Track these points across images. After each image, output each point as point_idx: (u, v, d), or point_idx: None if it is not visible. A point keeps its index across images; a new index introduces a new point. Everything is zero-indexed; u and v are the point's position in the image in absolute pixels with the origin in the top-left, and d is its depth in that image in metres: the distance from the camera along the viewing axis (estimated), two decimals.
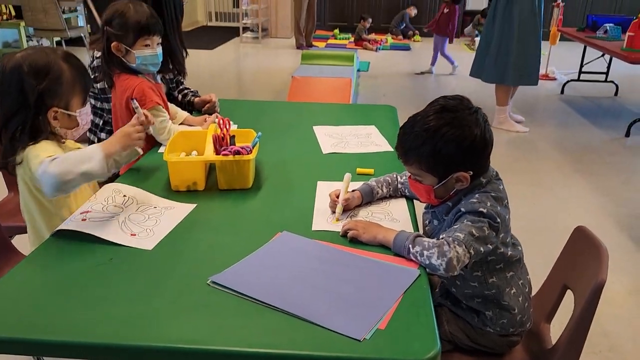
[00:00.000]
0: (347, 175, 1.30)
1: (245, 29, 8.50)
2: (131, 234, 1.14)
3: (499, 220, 1.10)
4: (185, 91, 2.12)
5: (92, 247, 1.09)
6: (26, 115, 1.22)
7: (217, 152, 1.38)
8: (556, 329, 1.27)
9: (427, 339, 0.84)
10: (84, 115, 1.32)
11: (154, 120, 1.38)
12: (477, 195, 1.12)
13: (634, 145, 3.92)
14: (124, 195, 1.29)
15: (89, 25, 6.72)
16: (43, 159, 1.15)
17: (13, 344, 0.85)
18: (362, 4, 8.74)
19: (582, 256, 1.27)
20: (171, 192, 1.36)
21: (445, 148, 1.08)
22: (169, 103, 1.79)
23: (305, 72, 4.75)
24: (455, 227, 1.09)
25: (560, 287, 1.33)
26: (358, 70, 6.07)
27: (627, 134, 4.07)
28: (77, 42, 6.21)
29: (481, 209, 1.09)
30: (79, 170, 1.14)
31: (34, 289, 0.97)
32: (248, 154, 1.36)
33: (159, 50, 1.66)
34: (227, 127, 1.44)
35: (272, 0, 8.43)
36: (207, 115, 1.90)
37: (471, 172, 1.11)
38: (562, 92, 5.39)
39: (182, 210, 1.26)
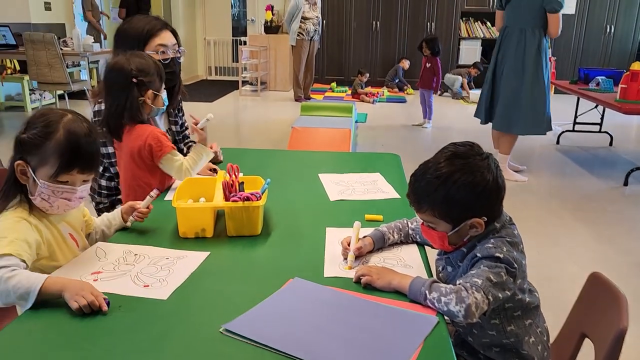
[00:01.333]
0: (357, 224, 1.29)
1: (245, 83, 8.68)
2: (144, 286, 1.11)
3: (515, 265, 1.08)
4: (190, 143, 2.14)
5: None
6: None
7: (227, 199, 1.37)
8: None
9: None
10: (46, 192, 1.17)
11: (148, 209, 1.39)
12: (492, 241, 1.11)
13: (633, 194, 3.94)
14: (135, 254, 1.26)
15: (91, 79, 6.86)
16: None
17: None
18: (359, 59, 8.98)
19: (599, 303, 1.24)
20: (179, 240, 1.34)
21: (458, 194, 1.08)
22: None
23: (305, 122, 4.81)
24: (472, 272, 1.07)
25: (578, 336, 1.30)
26: (356, 122, 6.17)
27: (625, 183, 4.10)
28: (80, 95, 6.31)
29: (497, 254, 1.08)
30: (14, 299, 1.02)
31: (35, 342, 0.93)
32: (257, 200, 1.35)
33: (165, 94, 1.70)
34: (236, 174, 1.44)
35: (271, 54, 8.66)
36: (211, 164, 1.90)
37: (485, 218, 1.11)
38: (557, 142, 5.47)
39: (195, 258, 1.24)
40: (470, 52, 8.97)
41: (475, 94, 8.02)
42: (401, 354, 0.88)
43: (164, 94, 1.68)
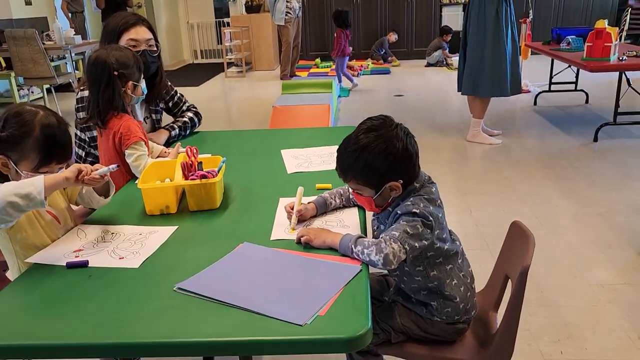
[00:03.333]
0: (300, 189, 1.45)
1: (230, 64, 8.76)
2: (119, 258, 1.27)
3: (431, 218, 1.24)
4: (187, 109, 2.35)
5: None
6: None
7: (186, 178, 1.53)
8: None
9: (360, 320, 0.97)
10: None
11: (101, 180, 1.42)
12: (411, 199, 1.27)
13: (601, 149, 4.10)
14: (112, 233, 1.42)
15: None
16: None
17: (9, 350, 0.98)
18: None
19: (516, 247, 1.41)
20: (148, 217, 1.50)
21: (374, 162, 1.24)
22: (149, 140, 1.97)
23: (285, 101, 4.95)
24: (392, 227, 1.24)
25: (503, 277, 1.47)
26: (339, 96, 6.30)
27: (595, 139, 4.25)
28: (67, 87, 6.42)
29: (414, 210, 1.24)
30: (10, 199, 1.19)
31: (22, 305, 1.10)
32: (214, 177, 1.51)
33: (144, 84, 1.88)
34: (195, 155, 1.59)
35: (254, 34, 8.72)
36: (179, 144, 2.06)
37: (401, 181, 1.27)
38: (535, 103, 5.60)
39: (164, 232, 1.40)
40: (452, 18, 9.02)
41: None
42: (323, 295, 1.05)
43: (142, 84, 1.85)
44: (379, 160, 1.24)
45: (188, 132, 2.31)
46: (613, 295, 2.22)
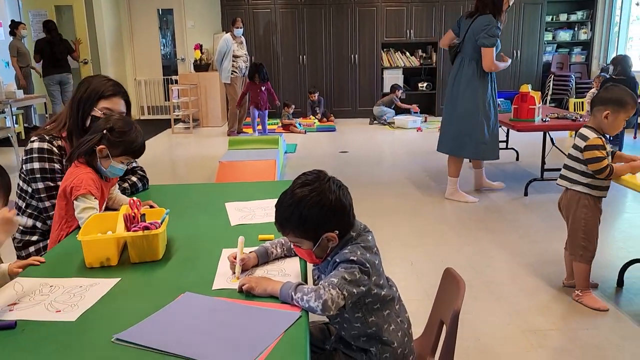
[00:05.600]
0: (241, 238, 1.49)
1: (177, 120, 8.79)
2: (56, 311, 1.25)
3: (368, 265, 1.31)
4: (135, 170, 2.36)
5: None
6: None
7: (128, 229, 1.54)
8: None
9: None
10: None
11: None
12: (348, 247, 1.34)
13: (531, 203, 4.37)
14: (51, 285, 1.39)
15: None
16: None
17: None
18: (288, 92, 9.29)
19: (448, 293, 1.49)
20: (89, 270, 1.48)
21: (309, 214, 1.30)
22: (118, 192, 2.05)
23: (232, 157, 5.01)
24: (331, 274, 1.29)
25: (438, 322, 1.54)
26: (285, 152, 6.42)
27: (525, 194, 4.53)
28: (4, 142, 6.22)
29: (352, 257, 1.30)
30: None
31: None
32: (156, 228, 1.53)
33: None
34: (138, 207, 1.61)
35: (202, 92, 8.84)
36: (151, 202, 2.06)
37: (337, 231, 1.33)
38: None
39: (105, 284, 1.39)
40: (392, 80, 9.50)
41: (400, 119, 8.50)
42: (264, 341, 1.08)
43: (118, 166, 1.85)
44: (314, 212, 1.30)
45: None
46: (544, 341, 2.33)
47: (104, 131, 1.80)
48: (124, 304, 1.29)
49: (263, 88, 7.45)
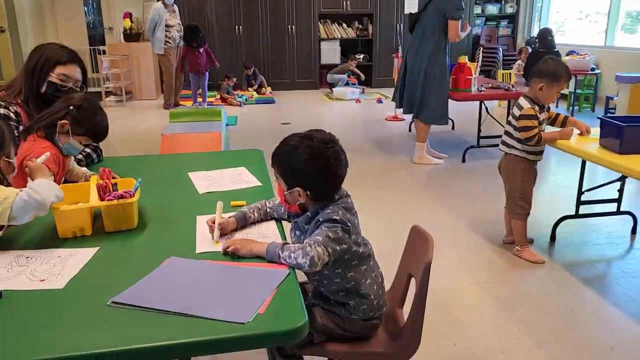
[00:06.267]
0: (219, 203, 1.52)
1: (108, 93, 8.41)
2: (40, 280, 1.23)
3: (349, 224, 1.38)
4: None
5: None
6: None
7: (102, 199, 1.52)
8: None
9: (296, 314, 1.07)
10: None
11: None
12: (331, 207, 1.41)
13: (469, 169, 4.62)
14: (27, 257, 1.36)
15: None
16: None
17: None
18: (224, 63, 9.09)
19: (417, 248, 1.60)
20: (60, 241, 1.46)
21: (294, 164, 1.38)
22: (74, 164, 1.99)
23: (175, 129, 4.89)
24: (316, 232, 1.36)
25: (407, 276, 1.66)
26: (227, 125, 6.35)
27: (463, 160, 4.78)
28: None
29: (335, 217, 1.37)
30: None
31: None
32: (131, 197, 1.52)
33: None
34: (109, 176, 1.59)
35: (134, 63, 8.48)
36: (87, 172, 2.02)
37: (309, 193, 1.40)
38: (409, 130, 6.12)
39: (85, 253, 1.37)
40: (330, 52, 9.55)
41: (339, 90, 8.60)
42: (260, 297, 1.13)
43: (76, 145, 1.82)
44: (299, 165, 1.38)
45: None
46: (490, 292, 2.53)
47: (71, 107, 1.74)
48: (110, 270, 1.30)
49: (201, 50, 7.29)
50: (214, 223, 1.46)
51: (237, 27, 9.15)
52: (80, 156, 2.19)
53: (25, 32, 8.85)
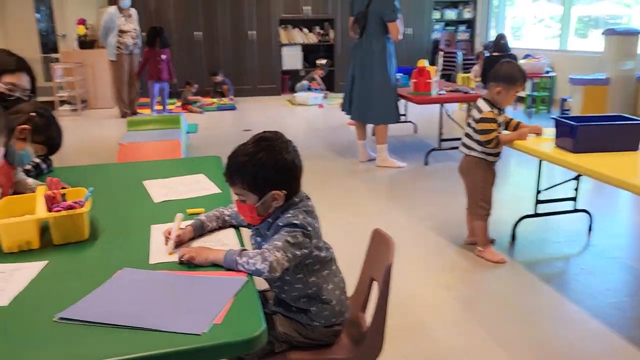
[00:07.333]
0: (179, 215, 1.46)
1: (63, 102, 8.15)
2: None
3: (310, 228, 1.36)
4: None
5: None
6: None
7: (50, 210, 1.45)
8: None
9: (254, 323, 1.04)
10: None
11: None
12: (291, 211, 1.38)
13: (432, 171, 4.67)
14: None
15: None
16: None
17: None
18: (184, 70, 8.94)
19: (378, 251, 1.59)
20: (4, 256, 1.38)
21: (262, 170, 1.34)
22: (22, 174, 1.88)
23: (133, 138, 4.78)
24: (275, 237, 1.32)
25: (369, 280, 1.64)
26: (187, 132, 6.24)
27: (426, 163, 4.83)
28: None
29: (295, 221, 1.34)
30: None
31: None
32: (81, 207, 1.45)
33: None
34: (57, 186, 1.51)
35: (89, 71, 8.25)
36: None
37: (285, 192, 1.36)
38: (372, 134, 6.14)
39: (32, 268, 1.30)
40: (292, 58, 9.54)
41: (301, 96, 8.58)
42: (216, 306, 1.09)
43: (31, 153, 1.81)
44: (268, 167, 1.34)
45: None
46: (454, 292, 2.55)
47: (34, 113, 1.67)
48: (58, 285, 1.23)
49: (163, 57, 7.11)
50: (170, 234, 1.41)
51: (196, 32, 9.02)
52: (28, 166, 2.09)
53: None
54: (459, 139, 3.33)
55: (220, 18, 9.07)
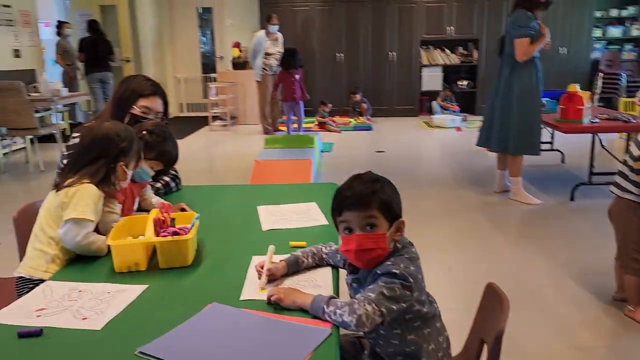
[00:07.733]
0: (271, 247, 1.43)
1: (215, 118, 8.86)
2: (83, 318, 1.22)
3: (411, 279, 1.22)
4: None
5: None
6: (105, 162, 1.60)
7: (157, 234, 1.50)
8: None
9: None
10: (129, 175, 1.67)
11: None
12: (392, 259, 1.25)
13: (578, 209, 4.15)
14: (80, 291, 1.37)
15: None
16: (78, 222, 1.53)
17: None
18: (324, 90, 9.19)
19: (491, 310, 1.39)
20: (117, 275, 1.45)
21: (393, 195, 1.29)
22: (151, 192, 2.03)
23: (268, 155, 4.98)
24: (369, 287, 1.21)
25: (478, 341, 1.44)
26: (321, 152, 6.37)
27: (572, 198, 4.32)
28: (51, 138, 6.35)
29: (394, 270, 1.22)
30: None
31: None
32: (186, 234, 1.48)
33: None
34: (168, 210, 1.57)
35: (240, 90, 8.88)
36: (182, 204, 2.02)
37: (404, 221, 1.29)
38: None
39: (133, 291, 1.36)
40: (432, 79, 9.31)
41: (439, 118, 8.32)
42: (293, 359, 1.02)
43: (148, 170, 1.86)
44: (395, 195, 1.29)
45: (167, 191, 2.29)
46: (594, 359, 2.18)
47: (144, 132, 1.79)
48: (150, 312, 1.25)
49: (297, 77, 7.26)
50: (262, 268, 1.38)
51: (338, 54, 9.24)
52: (158, 185, 2.24)
53: (148, 62, 9.67)
54: (614, 173, 2.90)
55: (362, 40, 9.19)
